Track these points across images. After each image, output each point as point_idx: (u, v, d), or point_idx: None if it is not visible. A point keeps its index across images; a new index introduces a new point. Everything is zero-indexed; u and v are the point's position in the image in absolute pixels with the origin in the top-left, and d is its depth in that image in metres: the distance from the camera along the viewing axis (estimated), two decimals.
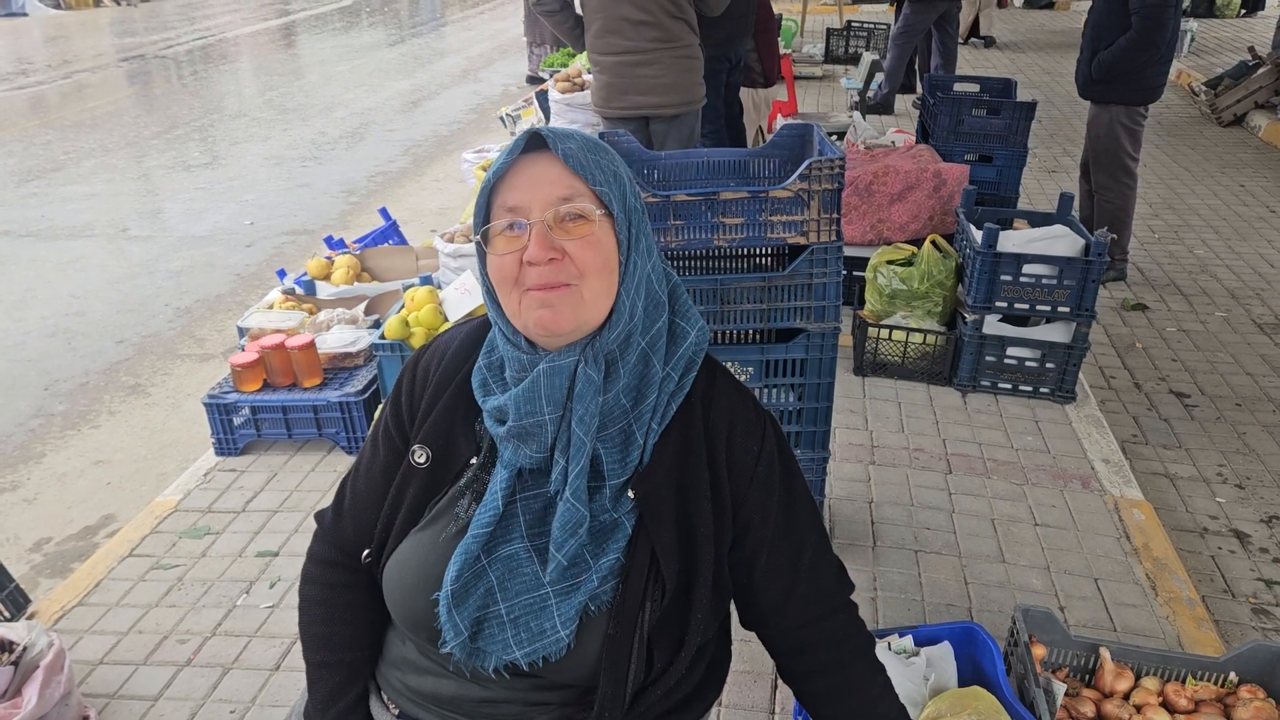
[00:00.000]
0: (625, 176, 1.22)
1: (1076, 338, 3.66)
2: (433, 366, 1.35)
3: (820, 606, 1.36)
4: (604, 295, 1.19)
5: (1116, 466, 3.38)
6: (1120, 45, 4.53)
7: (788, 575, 1.32)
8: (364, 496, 1.37)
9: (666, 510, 1.24)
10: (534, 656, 1.20)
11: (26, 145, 9.07)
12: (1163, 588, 2.79)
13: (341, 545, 1.39)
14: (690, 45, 4.24)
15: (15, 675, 2.20)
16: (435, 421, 1.31)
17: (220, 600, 2.79)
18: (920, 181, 4.25)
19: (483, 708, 1.28)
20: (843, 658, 1.36)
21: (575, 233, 1.16)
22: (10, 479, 3.81)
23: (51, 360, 4.77)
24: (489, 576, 1.22)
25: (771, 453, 1.31)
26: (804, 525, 1.34)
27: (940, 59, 8.29)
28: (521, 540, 1.23)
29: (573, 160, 1.16)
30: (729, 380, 1.33)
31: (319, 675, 1.38)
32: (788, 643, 1.38)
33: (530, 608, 1.21)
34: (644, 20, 4.11)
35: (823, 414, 2.60)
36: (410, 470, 1.31)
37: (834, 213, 2.38)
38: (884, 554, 2.91)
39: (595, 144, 1.21)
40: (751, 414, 1.31)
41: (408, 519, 1.30)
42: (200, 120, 9.94)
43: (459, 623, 1.20)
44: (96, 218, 6.91)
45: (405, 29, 17.00)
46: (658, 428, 1.24)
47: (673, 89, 4.26)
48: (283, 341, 3.47)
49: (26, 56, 14.66)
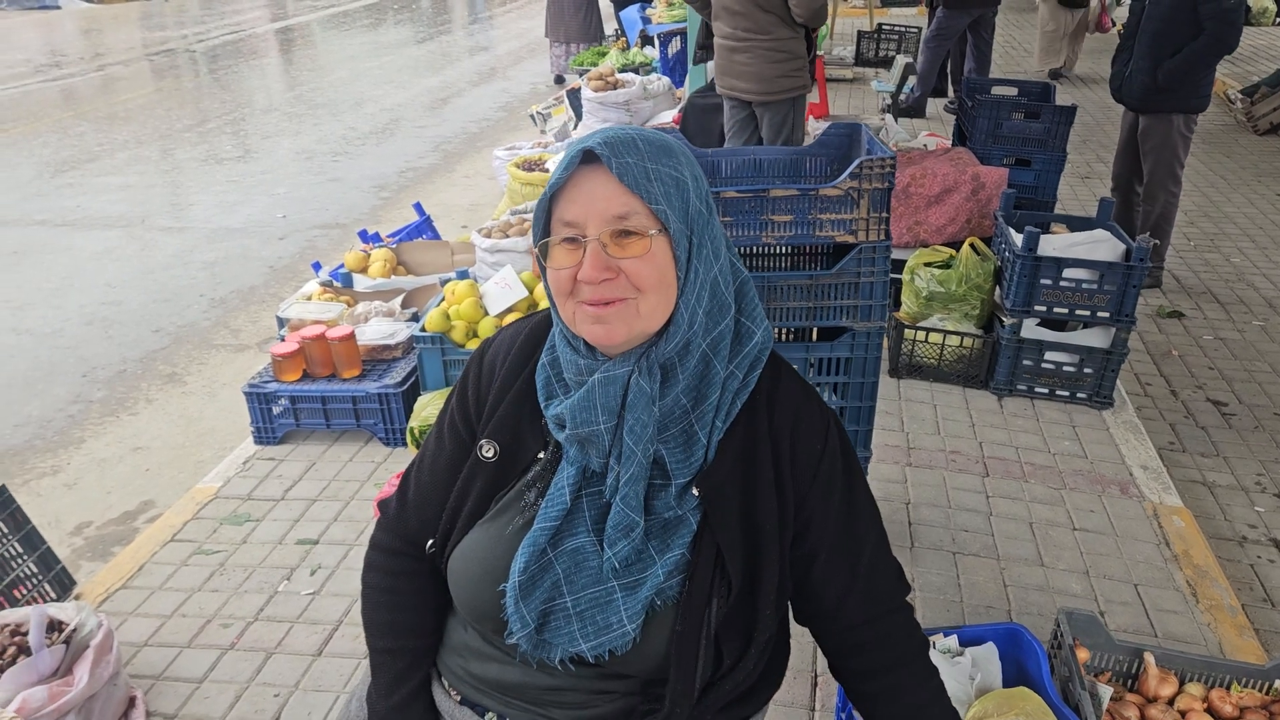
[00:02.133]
0: (689, 180, 1.19)
1: (1115, 343, 3.64)
2: (499, 361, 1.36)
3: (877, 607, 1.36)
4: (661, 308, 1.18)
5: (1155, 473, 3.36)
6: (1195, 51, 4.46)
7: (846, 574, 1.33)
8: (428, 489, 1.38)
9: (731, 507, 1.24)
10: (600, 650, 1.21)
11: (61, 136, 9.16)
12: (1204, 595, 2.78)
13: (405, 535, 1.41)
14: (780, 39, 4.56)
15: (66, 654, 2.23)
16: (503, 416, 1.32)
17: (262, 586, 2.81)
18: (959, 184, 4.24)
19: (546, 695, 1.28)
20: (897, 660, 1.37)
21: (631, 250, 1.15)
22: (51, 463, 3.85)
23: (89, 348, 4.82)
24: (555, 569, 1.23)
25: (835, 451, 1.31)
26: (864, 525, 1.34)
27: (974, 63, 8.25)
28: (587, 534, 1.24)
29: (628, 178, 1.13)
30: (794, 378, 1.33)
31: (382, 661, 1.39)
32: (843, 641, 1.38)
33: (596, 601, 1.22)
34: (739, 11, 4.54)
35: (865, 413, 2.60)
36: (477, 464, 1.32)
37: (883, 211, 2.38)
38: (922, 555, 2.90)
39: (659, 149, 1.18)
40: (816, 412, 1.31)
41: (474, 511, 1.31)
42: (231, 114, 10.02)
43: (525, 614, 1.21)
44: (130, 208, 6.98)
45: (432, 26, 17.07)
46: (721, 425, 1.24)
47: (759, 78, 4.66)
48: (323, 333, 3.50)
49: (59, 49, 14.82)
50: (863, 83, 9.89)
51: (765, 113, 4.84)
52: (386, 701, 1.38)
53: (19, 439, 4.03)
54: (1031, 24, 13.86)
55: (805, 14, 4.50)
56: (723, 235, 1.25)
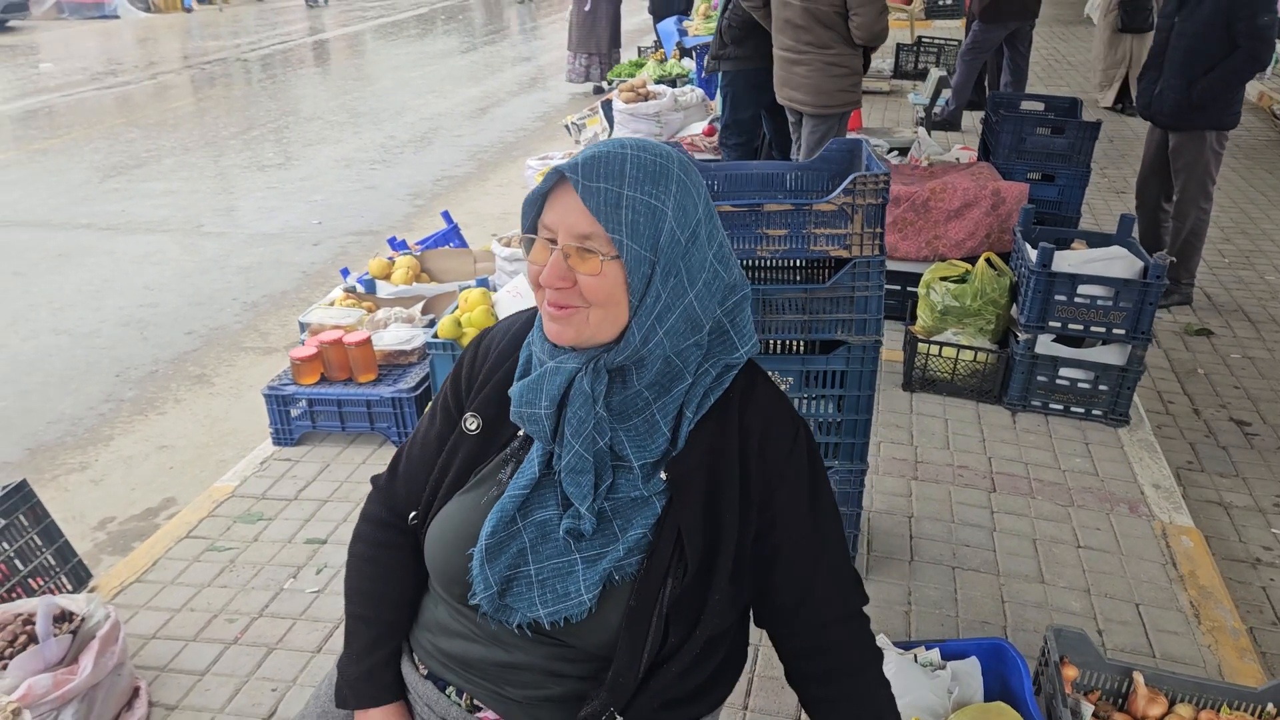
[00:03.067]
0: (670, 210, 1.20)
1: (1131, 360, 3.61)
2: (494, 344, 1.44)
3: (835, 611, 1.38)
4: (609, 322, 1.23)
5: (1167, 492, 3.32)
6: (1230, 68, 4.41)
7: (806, 577, 1.36)
8: (417, 461, 1.46)
9: (696, 494, 1.29)
10: (556, 616, 1.26)
11: (112, 143, 9.42)
12: (1206, 616, 2.74)
13: (393, 506, 1.48)
14: (840, 54, 4.71)
15: (73, 644, 2.31)
16: (489, 393, 1.39)
17: (269, 583, 2.88)
18: (979, 199, 4.23)
19: (504, 673, 1.34)
20: (849, 667, 1.39)
21: (586, 267, 1.21)
22: (80, 460, 3.97)
23: (124, 348, 4.96)
24: (523, 538, 1.29)
25: (802, 457, 1.35)
26: (827, 531, 1.38)
27: (1010, 76, 8.20)
28: (556, 507, 1.31)
29: (592, 203, 1.18)
30: (769, 386, 1.38)
31: (357, 628, 1.46)
32: (798, 645, 1.41)
33: (558, 570, 1.28)
34: (800, 25, 4.71)
35: (861, 426, 2.61)
36: (461, 436, 1.39)
37: (877, 227, 2.40)
38: (920, 569, 2.90)
39: (646, 175, 1.20)
40: (787, 419, 1.36)
41: (454, 482, 1.38)
42: (276, 122, 10.24)
43: (489, 577, 1.28)
44: (174, 213, 7.17)
45: (478, 37, 17.28)
46: (692, 416, 1.29)
47: (815, 90, 4.82)
48: (340, 337, 3.58)
49: (116, 57, 15.23)
50: (900, 95, 9.86)
51: (810, 123, 4.96)
52: (356, 667, 1.44)
53: (51, 435, 4.16)
54: (1079, 37, 13.75)
55: (865, 36, 4.66)
56: (709, 261, 1.26)
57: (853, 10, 4.55)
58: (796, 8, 4.69)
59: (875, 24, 4.55)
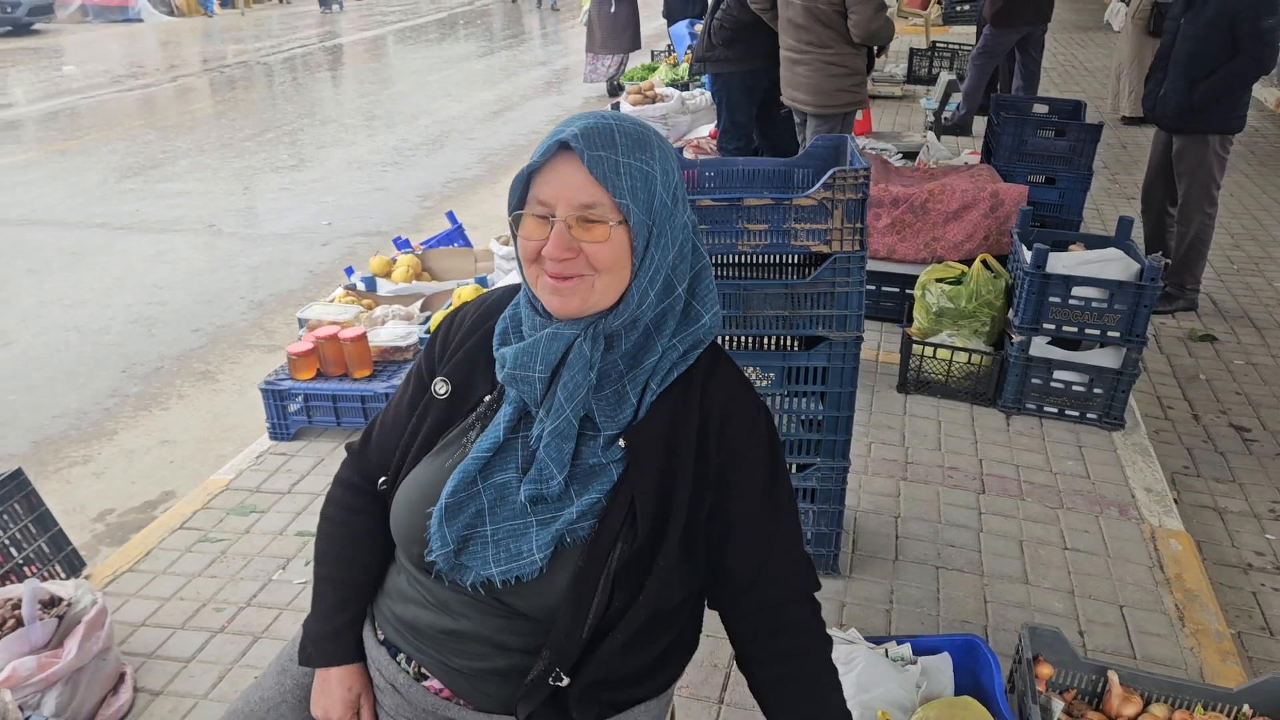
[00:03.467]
0: (659, 174, 1.27)
1: (1126, 364, 3.60)
2: (468, 315, 1.47)
3: (787, 592, 1.40)
4: (614, 287, 1.27)
5: (1158, 496, 3.31)
6: (1233, 71, 4.39)
7: (758, 557, 1.38)
8: (389, 427, 1.49)
9: (652, 463, 1.32)
10: (508, 575, 1.29)
11: (129, 144, 9.54)
12: (1190, 619, 2.73)
13: (364, 472, 1.51)
14: (840, 54, 4.75)
15: (59, 628, 2.34)
16: (459, 361, 1.42)
17: (258, 574, 2.92)
18: (977, 201, 4.22)
19: (450, 640, 1.36)
20: (797, 650, 1.41)
21: (593, 235, 1.24)
22: (83, 453, 4.03)
23: (132, 345, 5.03)
24: (482, 499, 1.32)
25: (762, 440, 1.37)
26: (782, 514, 1.40)
27: (1022, 81, 8.17)
28: (515, 471, 1.34)
29: (598, 171, 1.22)
30: (733, 369, 1.41)
31: (324, 589, 1.50)
32: (748, 626, 1.42)
33: (513, 531, 1.31)
34: (801, 24, 4.76)
35: (843, 423, 2.61)
36: (431, 401, 1.42)
37: (858, 222, 2.40)
38: (904, 568, 2.90)
39: (635, 142, 1.26)
40: (749, 402, 1.39)
41: (422, 446, 1.41)
42: (291, 124, 10.33)
43: (447, 535, 1.30)
44: (187, 213, 7.25)
45: (496, 41, 17.38)
46: (656, 388, 1.32)
47: (815, 90, 4.87)
48: (336, 333, 3.61)
49: (138, 60, 15.41)
50: (913, 100, 9.84)
51: (814, 123, 5.01)
52: (321, 626, 1.48)
53: (56, 429, 4.22)
54: (1096, 43, 13.67)
55: (862, 34, 4.69)
56: (687, 223, 1.33)
57: (850, 8, 4.58)
58: (797, 7, 4.73)
59: (872, 22, 4.57)
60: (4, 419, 4.30)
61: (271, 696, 1.54)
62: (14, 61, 15.13)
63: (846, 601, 2.76)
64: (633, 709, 1.43)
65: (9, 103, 11.78)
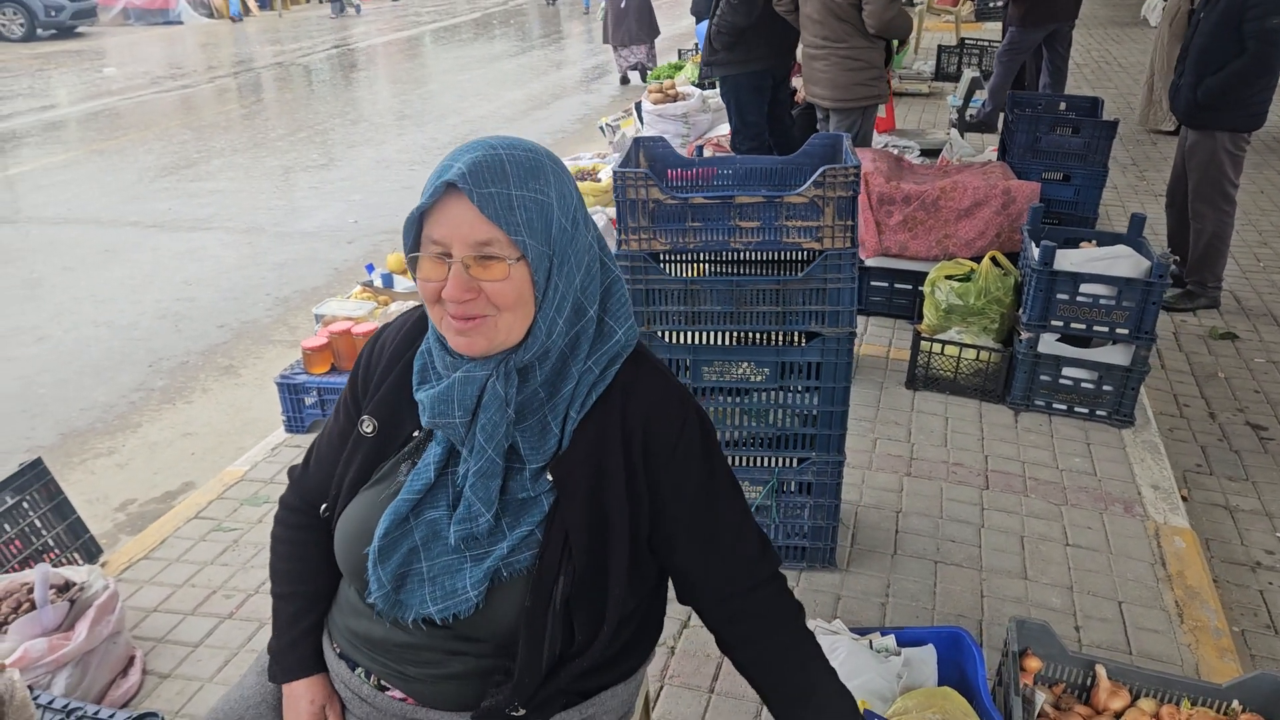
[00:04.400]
0: (555, 201, 1.24)
1: (1136, 360, 3.58)
2: (387, 344, 1.46)
3: (741, 584, 1.43)
4: (519, 324, 1.26)
5: (1165, 494, 3.29)
6: (1235, 70, 4.36)
7: (707, 554, 1.41)
8: (324, 456, 1.51)
9: (581, 491, 1.33)
10: (446, 613, 1.31)
11: (165, 144, 9.74)
12: (1189, 616, 2.72)
13: (305, 496, 1.54)
14: (856, 48, 4.79)
15: (70, 611, 2.43)
16: (383, 396, 1.42)
17: (266, 562, 2.96)
18: (989, 198, 4.21)
19: (404, 653, 1.39)
20: (769, 628, 1.44)
21: (491, 274, 1.21)
22: (108, 445, 4.14)
23: (159, 340, 5.15)
24: (414, 537, 1.34)
25: (691, 440, 1.37)
26: (723, 508, 1.41)
27: (1050, 78, 8.09)
28: (446, 508, 1.35)
29: (489, 209, 1.19)
30: (653, 378, 1.39)
31: (279, 606, 1.54)
32: (716, 615, 1.46)
33: (447, 568, 1.32)
34: (817, 19, 4.81)
35: (838, 418, 2.64)
36: (359, 438, 1.43)
37: (849, 219, 2.43)
38: (902, 562, 2.91)
39: (527, 172, 1.22)
40: (673, 405, 1.38)
41: (356, 480, 1.43)
42: (323, 124, 10.48)
43: (382, 576, 1.32)
44: (218, 212, 7.39)
45: (528, 41, 17.49)
46: (576, 415, 1.32)
47: (833, 84, 4.91)
48: (350, 328, 3.69)
49: (177, 62, 15.70)
50: (940, 97, 9.78)
51: (834, 117, 5.05)
52: (278, 641, 1.53)
53: (83, 422, 4.34)
54: (1132, 39, 13.49)
55: (877, 25, 4.69)
56: (591, 243, 1.31)
57: (865, 0, 4.58)
58: (815, 2, 4.77)
59: (885, 12, 4.57)
60: (34, 411, 4.43)
61: (251, 696, 1.59)
62: (57, 64, 15.47)
63: (842, 594, 2.78)
64: (599, 695, 1.46)
65: (52, 104, 12.05)
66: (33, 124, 10.80)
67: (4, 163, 9.11)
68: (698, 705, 2.40)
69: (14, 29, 18.20)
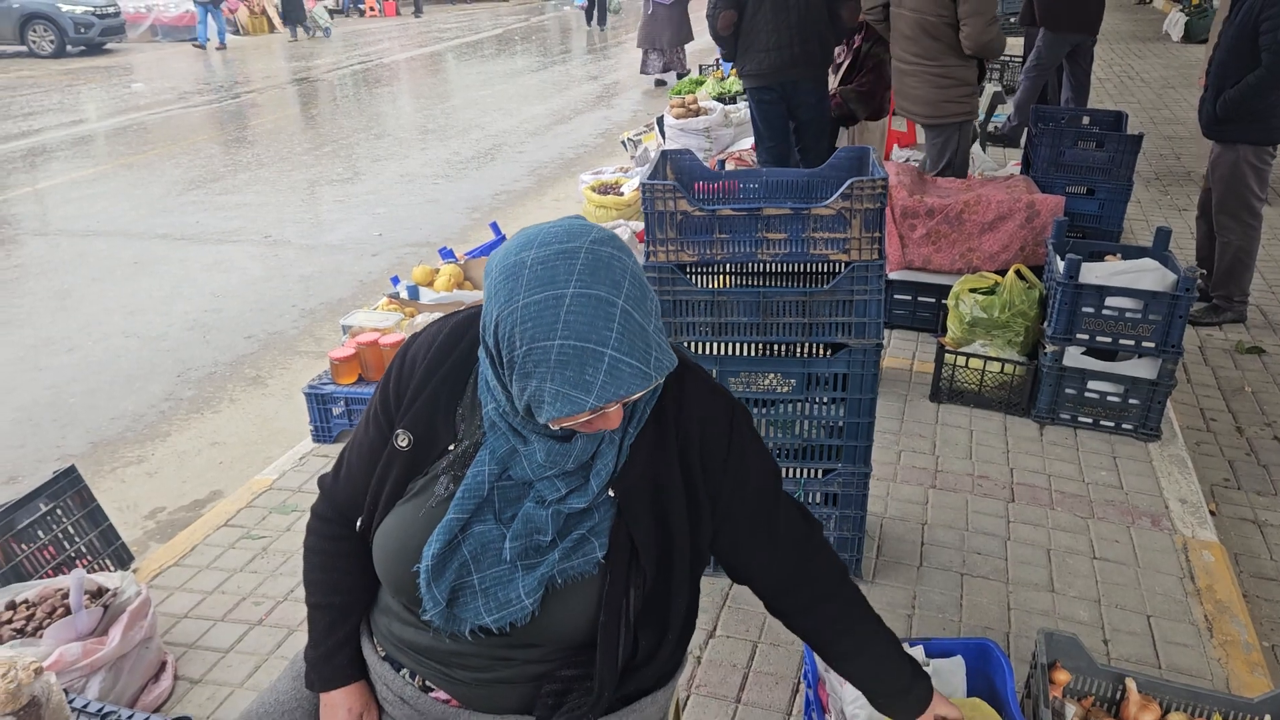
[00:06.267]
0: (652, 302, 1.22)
1: (1162, 374, 3.56)
2: (419, 357, 1.45)
3: (797, 555, 1.50)
4: None
5: (1193, 507, 3.27)
6: (1249, 83, 4.35)
7: (765, 547, 1.47)
8: (355, 469, 1.50)
9: (644, 505, 1.35)
10: (502, 622, 1.33)
11: (193, 158, 9.85)
12: (1219, 630, 2.71)
13: (337, 506, 1.54)
14: (947, 66, 4.83)
15: (104, 617, 2.46)
16: (419, 410, 1.41)
17: (295, 570, 3.02)
18: (1013, 212, 4.22)
19: (454, 657, 1.41)
20: (824, 594, 1.54)
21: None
22: (138, 453, 4.19)
23: (187, 351, 5.21)
24: (463, 552, 1.34)
25: (740, 442, 1.41)
26: (772, 497, 1.47)
27: (1072, 93, 8.09)
28: (494, 521, 1.35)
29: (638, 386, 1.19)
30: (697, 383, 1.42)
31: (314, 616, 1.55)
32: (772, 589, 1.55)
33: (499, 579, 1.33)
34: (909, 35, 4.89)
35: (864, 429, 2.64)
36: (394, 452, 1.42)
37: (876, 231, 2.44)
38: (928, 574, 2.91)
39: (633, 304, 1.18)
40: (720, 409, 1.41)
41: (392, 493, 1.42)
42: (347, 139, 10.58)
43: (437, 594, 1.33)
44: (244, 224, 7.48)
45: (550, 57, 17.60)
46: (634, 431, 1.35)
47: (924, 101, 4.98)
48: (377, 339, 3.72)
49: (204, 78, 15.88)
50: None
51: (928, 135, 5.15)
52: (315, 651, 1.54)
53: (114, 430, 4.39)
54: (1154, 54, 13.46)
55: (974, 46, 4.72)
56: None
57: (962, 21, 4.62)
58: (908, 19, 4.84)
59: (984, 34, 4.60)
60: (66, 420, 4.49)
61: (286, 701, 1.60)
62: (87, 79, 15.68)
63: None
64: (639, 701, 1.48)
65: (81, 119, 12.22)
66: (62, 138, 10.95)
67: (34, 176, 9.24)
68: (725, 715, 2.40)
69: (45, 45, 18.47)
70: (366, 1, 26.62)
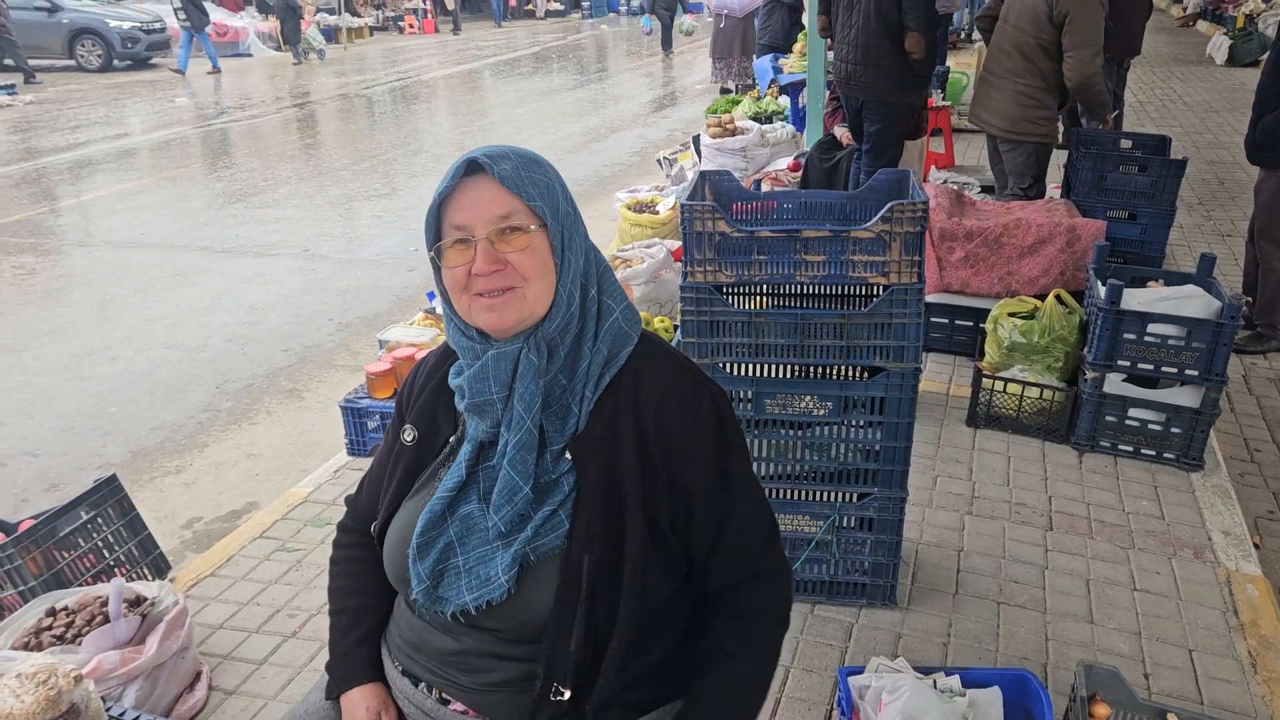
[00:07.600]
0: (558, 187, 1.38)
1: (1205, 403, 3.50)
2: (426, 365, 1.57)
3: (744, 569, 1.48)
4: (544, 294, 1.35)
5: (1237, 540, 3.21)
6: None
7: (713, 536, 1.44)
8: (375, 474, 1.59)
9: (597, 471, 1.37)
10: (479, 601, 1.36)
11: (234, 172, 10.00)
12: (1264, 666, 2.65)
13: (359, 516, 1.62)
14: (1029, 85, 4.87)
15: (142, 625, 2.48)
16: (422, 406, 1.51)
17: (328, 584, 3.03)
18: (1053, 236, 4.18)
19: (450, 658, 1.44)
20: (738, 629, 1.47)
21: (515, 244, 1.32)
22: (176, 464, 4.24)
23: (226, 363, 5.27)
24: (449, 532, 1.40)
25: (706, 427, 1.41)
26: (736, 494, 1.45)
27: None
28: (478, 502, 1.41)
29: (508, 181, 1.31)
30: (665, 361, 1.45)
31: (335, 622, 1.59)
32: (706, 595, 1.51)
33: (481, 558, 1.38)
34: (1004, 50, 4.95)
35: (901, 453, 2.62)
36: (401, 448, 1.51)
37: (916, 255, 2.42)
38: (964, 602, 2.87)
39: (530, 160, 1.36)
40: (688, 390, 1.42)
41: (400, 490, 1.50)
42: (385, 154, 10.70)
43: (421, 572, 1.39)
44: (283, 238, 7.57)
45: (587, 75, 17.73)
46: (592, 395, 1.39)
47: (1001, 114, 5.04)
48: (413, 354, 3.75)
49: (246, 93, 16.15)
50: None
51: (1006, 151, 5.20)
52: (333, 655, 1.57)
53: (153, 441, 4.45)
54: (1198, 77, 13.32)
55: (1077, 79, 4.68)
56: (584, 230, 1.42)
57: (1066, 51, 4.62)
58: (1008, 33, 4.89)
59: (1087, 67, 4.59)
60: (106, 430, 4.55)
61: (317, 714, 1.61)
62: (132, 94, 15.99)
63: (903, 633, 2.75)
64: (658, 710, 1.47)
65: (126, 132, 12.45)
66: (107, 151, 11.16)
67: (79, 188, 9.41)
68: None
69: (92, 60, 18.88)
70: (406, 19, 27.02)
